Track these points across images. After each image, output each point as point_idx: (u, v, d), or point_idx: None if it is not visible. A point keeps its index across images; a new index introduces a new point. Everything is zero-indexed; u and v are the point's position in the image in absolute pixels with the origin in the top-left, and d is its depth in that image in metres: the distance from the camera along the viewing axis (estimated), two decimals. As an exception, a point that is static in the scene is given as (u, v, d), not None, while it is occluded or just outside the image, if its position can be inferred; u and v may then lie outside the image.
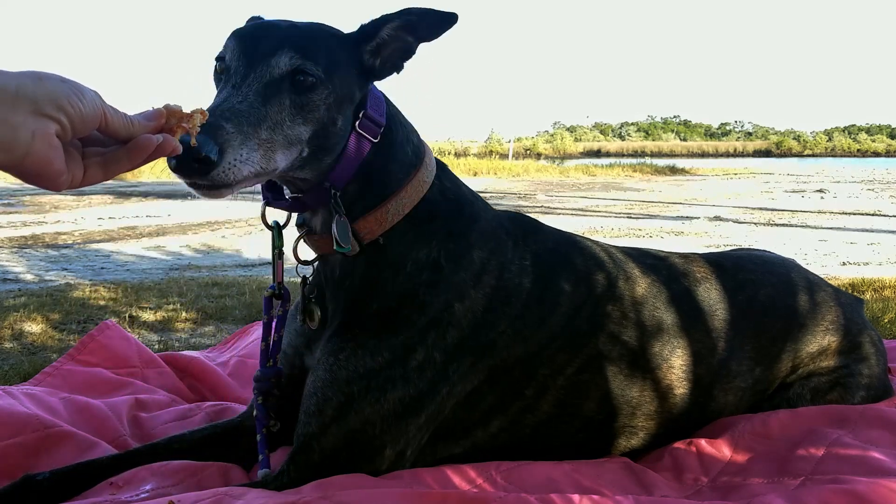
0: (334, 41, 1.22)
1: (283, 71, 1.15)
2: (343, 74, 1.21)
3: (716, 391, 1.54)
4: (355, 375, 1.25)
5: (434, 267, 1.31)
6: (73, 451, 1.45)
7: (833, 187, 14.42)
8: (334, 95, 1.19)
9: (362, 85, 1.27)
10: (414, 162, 1.34)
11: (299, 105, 1.16)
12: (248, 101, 1.11)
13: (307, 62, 1.15)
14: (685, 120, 70.24)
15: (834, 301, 1.70)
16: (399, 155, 1.32)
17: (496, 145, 30.80)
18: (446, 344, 1.29)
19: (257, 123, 1.10)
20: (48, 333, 3.19)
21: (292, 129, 1.15)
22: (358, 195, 1.30)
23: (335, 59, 1.20)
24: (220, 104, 1.10)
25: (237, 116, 1.08)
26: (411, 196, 1.32)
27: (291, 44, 1.16)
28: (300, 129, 1.16)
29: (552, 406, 1.40)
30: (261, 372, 1.40)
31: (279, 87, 1.14)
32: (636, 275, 1.52)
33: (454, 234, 1.34)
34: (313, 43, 1.18)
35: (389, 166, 1.31)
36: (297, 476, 1.24)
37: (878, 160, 37.35)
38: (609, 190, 14.11)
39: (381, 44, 1.25)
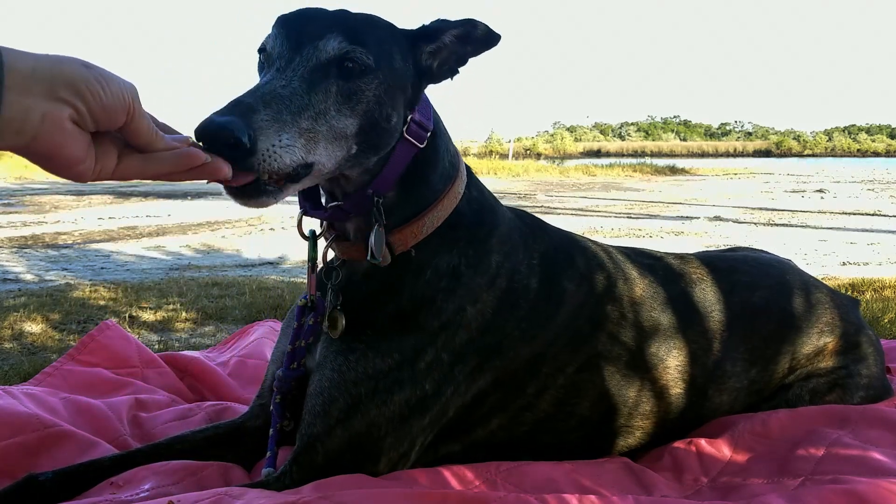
0: (388, 32, 1.17)
1: (332, 55, 1.07)
2: (397, 67, 1.15)
3: (710, 391, 1.55)
4: (364, 376, 1.24)
5: (453, 274, 1.30)
6: (73, 451, 1.45)
7: (833, 187, 14.42)
8: (385, 86, 1.12)
9: (416, 85, 1.21)
10: (451, 173, 1.32)
11: (347, 93, 1.08)
12: (292, 87, 1.02)
13: (357, 47, 1.08)
14: (685, 120, 70.27)
15: (830, 302, 1.70)
16: (440, 165, 1.30)
17: (496, 145, 30.82)
18: (454, 345, 1.29)
19: (299, 112, 1.01)
20: (48, 333, 3.19)
21: (338, 119, 1.07)
22: (396, 204, 1.26)
23: (388, 49, 1.14)
24: (259, 87, 1.02)
25: (277, 101, 0.99)
26: (446, 208, 1.29)
27: (341, 28, 1.09)
28: (347, 120, 1.08)
29: (551, 405, 1.41)
30: (284, 372, 1.37)
31: (326, 72, 1.07)
32: (634, 275, 1.53)
33: (475, 241, 1.33)
34: (366, 29, 1.12)
35: (431, 176, 1.28)
36: (299, 477, 1.23)
37: (878, 160, 37.37)
38: (609, 190, 14.11)
39: (440, 47, 1.20)
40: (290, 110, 1.00)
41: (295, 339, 1.38)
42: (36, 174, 15.95)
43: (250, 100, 0.98)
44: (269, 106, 0.98)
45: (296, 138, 0.99)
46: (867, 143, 50.56)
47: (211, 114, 0.95)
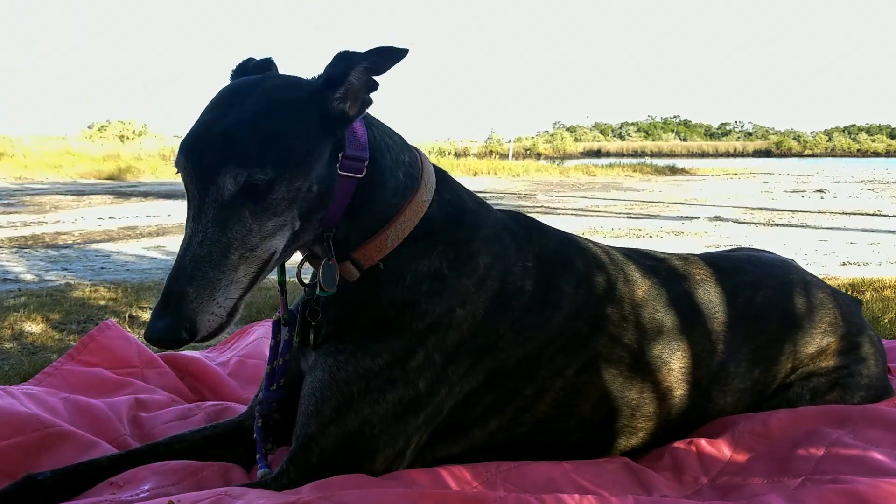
0: (286, 114, 1.13)
1: (233, 190, 1.07)
2: (305, 149, 1.13)
3: (714, 393, 1.54)
4: (354, 376, 1.25)
5: (436, 276, 1.30)
6: (73, 451, 1.45)
7: (833, 187, 14.42)
8: (298, 176, 1.11)
9: (336, 133, 1.19)
10: (409, 184, 1.31)
11: (262, 210, 1.09)
12: (209, 238, 1.07)
13: (254, 170, 1.07)
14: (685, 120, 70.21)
15: (832, 302, 1.70)
16: (390, 181, 1.29)
17: (496, 145, 30.76)
18: (446, 346, 1.29)
19: (222, 259, 1.06)
20: (48, 333, 3.19)
21: (264, 232, 1.10)
22: (351, 229, 1.27)
23: (289, 141, 1.11)
24: (182, 255, 1.07)
25: (201, 266, 1.05)
26: (410, 219, 1.29)
27: (234, 153, 1.07)
28: (271, 224, 1.11)
29: (550, 406, 1.40)
30: (264, 395, 1.40)
31: (234, 204, 1.08)
32: (636, 277, 1.52)
33: (456, 243, 1.33)
34: (259, 140, 1.09)
35: (382, 194, 1.28)
36: (296, 476, 1.24)
37: (878, 160, 37.34)
38: (609, 190, 14.11)
39: (349, 88, 1.17)
40: (214, 264, 1.06)
41: (273, 358, 1.40)
42: (36, 174, 15.96)
43: (176, 287, 1.04)
44: (194, 279, 1.05)
45: (229, 287, 1.07)
46: (867, 143, 50.48)
47: (151, 317, 1.05)
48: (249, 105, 1.12)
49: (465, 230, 1.36)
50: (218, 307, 1.06)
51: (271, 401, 1.41)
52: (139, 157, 18.65)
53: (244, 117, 1.11)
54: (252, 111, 1.12)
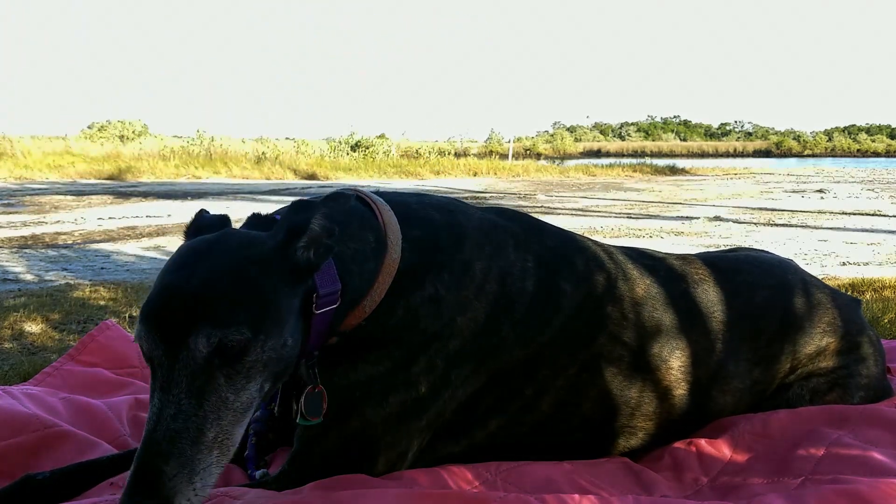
0: (254, 272, 1.06)
1: (206, 353, 0.99)
2: (277, 303, 1.07)
3: (714, 392, 1.55)
4: (356, 382, 1.25)
5: (432, 300, 1.29)
6: (73, 451, 1.45)
7: (833, 187, 14.41)
8: (273, 336, 1.05)
9: (305, 281, 1.13)
10: (377, 264, 1.26)
11: (236, 373, 1.02)
12: (183, 411, 0.97)
13: (228, 330, 0.99)
14: (685, 120, 70.18)
15: (831, 302, 1.70)
16: (364, 280, 1.24)
17: (496, 145, 30.77)
18: (448, 351, 1.29)
19: (199, 435, 0.97)
20: (48, 333, 3.19)
21: (240, 396, 1.02)
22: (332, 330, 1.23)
23: (260, 298, 1.05)
24: (153, 429, 0.97)
25: (176, 441, 0.96)
26: (385, 281, 1.25)
27: (206, 313, 1.00)
28: (246, 395, 1.03)
29: (551, 406, 1.41)
30: (260, 413, 1.42)
31: (208, 368, 1.00)
32: (635, 275, 1.52)
33: (443, 267, 1.32)
34: (228, 298, 1.02)
35: (357, 291, 1.23)
36: (297, 477, 1.24)
37: (878, 160, 37.32)
38: (609, 190, 14.11)
39: (312, 236, 1.12)
40: (192, 441, 0.97)
41: None
42: (36, 174, 15.96)
43: (151, 463, 0.94)
44: (171, 455, 0.95)
45: (209, 463, 0.98)
46: (867, 143, 50.42)
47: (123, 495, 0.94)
48: (215, 264, 1.06)
49: (446, 250, 1.34)
50: (195, 495, 0.96)
51: (265, 419, 1.42)
52: (139, 157, 18.65)
53: (212, 277, 1.04)
54: (219, 270, 1.05)
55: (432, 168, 19.42)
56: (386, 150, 22.95)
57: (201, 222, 1.23)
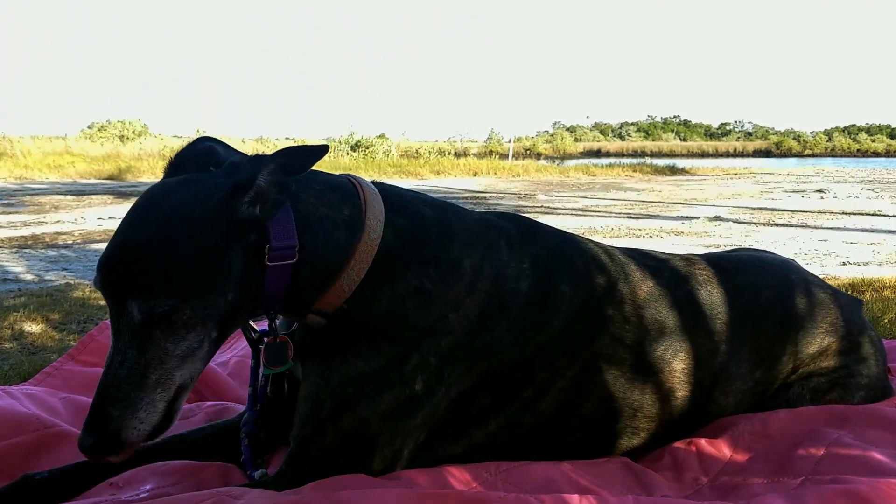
0: (190, 233, 1.11)
1: (140, 318, 1.08)
2: (212, 264, 1.11)
3: (716, 393, 1.54)
4: (348, 379, 1.25)
5: (419, 293, 1.29)
6: (73, 451, 1.44)
7: (833, 187, 14.41)
8: (207, 296, 1.11)
9: (250, 235, 1.15)
10: (352, 233, 1.27)
11: (171, 330, 1.10)
12: (128, 359, 1.09)
13: (156, 301, 1.07)
14: (685, 120, 70.12)
15: (833, 302, 1.70)
16: (330, 245, 1.25)
17: (496, 145, 30.73)
18: (441, 349, 1.29)
19: (142, 379, 1.09)
20: (48, 333, 3.19)
21: (178, 347, 1.11)
22: (297, 294, 1.25)
23: (192, 263, 1.10)
24: (106, 373, 1.10)
25: (122, 386, 1.09)
26: (363, 259, 1.26)
27: (137, 284, 1.08)
28: (185, 343, 1.11)
29: (551, 407, 1.40)
30: (249, 415, 1.42)
31: (146, 327, 1.09)
32: (638, 278, 1.51)
33: (429, 260, 1.32)
34: (158, 267, 1.08)
35: (322, 259, 1.24)
36: (295, 476, 1.24)
37: (878, 160, 37.29)
38: (609, 190, 14.10)
39: (258, 191, 1.14)
40: (134, 384, 1.09)
41: (254, 379, 1.41)
42: (36, 174, 15.96)
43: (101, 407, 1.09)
44: (117, 400, 1.08)
45: (151, 402, 1.10)
46: (867, 143, 50.34)
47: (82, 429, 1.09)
48: (155, 226, 1.11)
49: (433, 246, 1.33)
50: (141, 423, 1.09)
51: (256, 419, 1.42)
52: (139, 157, 18.65)
53: (149, 242, 1.10)
54: (156, 235, 1.10)
55: (432, 168, 19.41)
56: (386, 150, 22.95)
57: (183, 156, 1.29)
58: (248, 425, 1.42)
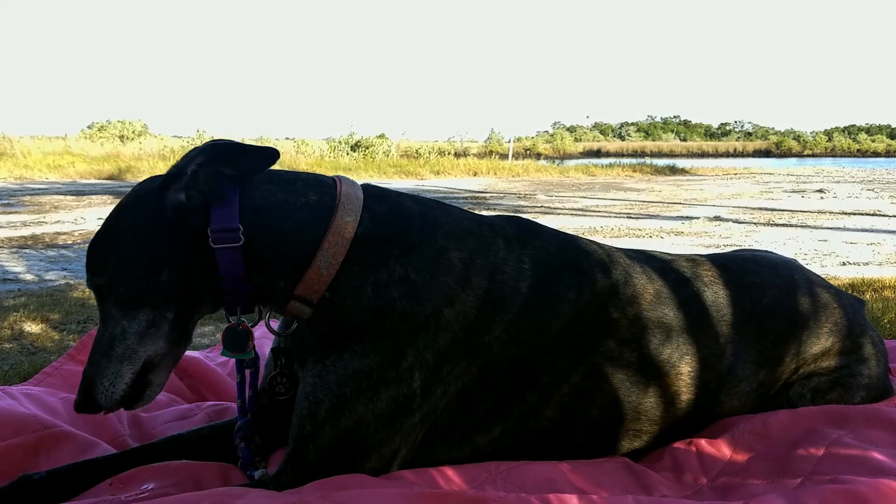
0: (125, 221, 1.27)
1: (95, 296, 1.29)
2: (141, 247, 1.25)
3: (722, 396, 1.54)
4: (345, 378, 1.25)
5: (404, 281, 1.29)
6: (72, 451, 1.45)
7: (833, 187, 14.41)
8: (136, 274, 1.24)
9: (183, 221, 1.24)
10: (317, 218, 1.30)
11: (122, 310, 1.24)
12: (101, 333, 1.27)
13: (94, 278, 1.27)
14: (685, 120, 70.12)
15: (836, 302, 1.70)
16: (288, 227, 1.28)
17: (496, 145, 30.70)
18: (438, 346, 1.28)
19: (110, 348, 1.24)
20: (48, 333, 3.19)
21: (133, 324, 1.24)
22: (269, 279, 1.29)
23: (122, 245, 1.25)
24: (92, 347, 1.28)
25: (99, 354, 1.25)
26: (337, 242, 1.28)
27: (89, 266, 1.29)
28: (138, 320, 1.24)
29: (556, 412, 1.39)
30: (241, 423, 1.45)
31: (102, 305, 1.27)
32: (644, 279, 1.50)
33: (412, 248, 1.31)
34: (100, 250, 1.28)
35: (283, 242, 1.28)
36: (294, 476, 1.24)
37: (878, 160, 37.28)
38: (609, 190, 14.10)
39: (189, 181, 1.24)
40: (104, 353, 1.25)
41: (241, 391, 1.46)
42: (36, 174, 15.96)
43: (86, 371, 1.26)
44: (91, 366, 1.25)
45: (117, 370, 1.24)
46: (867, 143, 50.26)
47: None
48: (111, 215, 1.31)
49: (416, 234, 1.33)
50: (110, 389, 1.24)
51: (248, 425, 1.45)
52: (139, 158, 18.63)
53: (98, 232, 1.30)
54: (105, 225, 1.30)
55: (432, 168, 19.40)
56: (386, 150, 22.93)
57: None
58: (242, 430, 1.44)
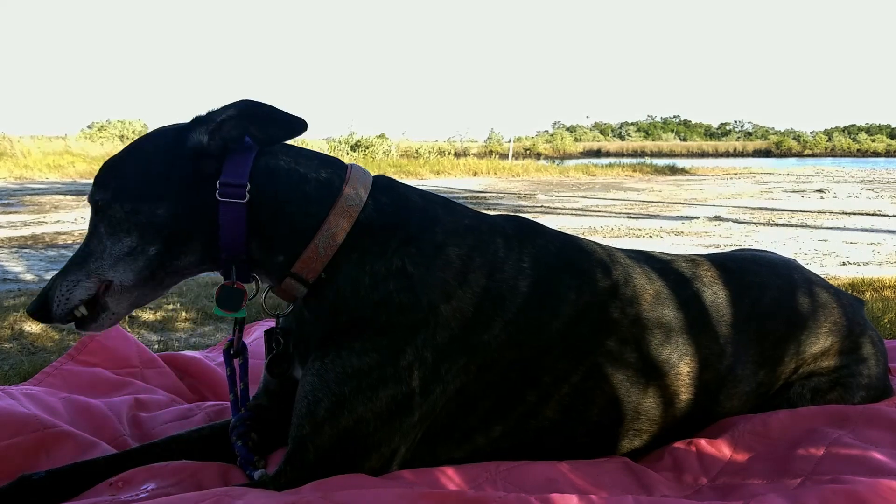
0: (142, 149, 1.33)
1: (92, 207, 1.32)
2: (150, 175, 1.29)
3: (721, 396, 1.54)
4: (343, 376, 1.25)
5: (401, 274, 1.29)
6: (72, 452, 1.45)
7: (833, 187, 14.41)
8: (136, 202, 1.28)
9: (198, 164, 1.29)
10: (325, 194, 1.32)
11: (111, 229, 1.29)
12: (82, 247, 1.32)
13: (97, 192, 1.31)
14: (685, 120, 70.07)
15: (836, 302, 1.70)
16: (295, 197, 1.31)
17: (496, 145, 30.69)
18: (436, 344, 1.28)
19: (83, 261, 1.30)
20: (48, 333, 3.19)
21: (115, 246, 1.29)
22: (267, 249, 1.32)
23: (132, 170, 1.31)
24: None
25: (67, 264, 1.32)
26: (337, 223, 1.30)
27: (96, 180, 1.33)
28: (121, 244, 1.29)
29: (556, 412, 1.39)
30: (235, 420, 1.45)
31: (94, 218, 1.32)
32: (644, 280, 1.50)
33: (411, 240, 1.32)
34: (110, 169, 1.33)
35: (287, 210, 1.31)
36: (294, 476, 1.24)
37: (878, 160, 37.27)
38: (609, 190, 14.10)
39: (213, 128, 1.29)
40: (75, 263, 1.31)
41: (233, 385, 1.47)
42: (36, 174, 15.96)
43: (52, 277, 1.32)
44: (62, 272, 1.31)
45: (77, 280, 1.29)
46: (867, 143, 50.22)
47: None
48: (131, 143, 1.36)
49: (416, 227, 1.34)
50: (65, 296, 1.29)
51: (244, 421, 1.45)
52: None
53: (120, 152, 1.36)
54: (126, 147, 1.36)
55: (432, 168, 19.41)
56: (386, 149, 22.94)
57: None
58: (238, 428, 1.44)
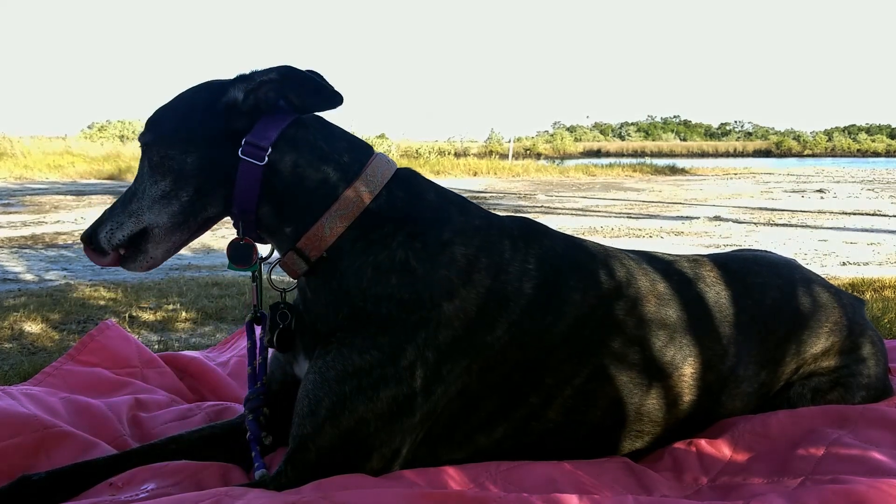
0: (184, 100, 1.39)
1: (141, 147, 1.39)
2: (186, 123, 1.35)
3: (724, 397, 1.54)
4: (344, 375, 1.25)
5: (404, 268, 1.30)
6: (72, 452, 1.45)
7: (833, 187, 14.40)
8: (170, 146, 1.34)
9: (230, 119, 1.34)
10: (341, 176, 1.35)
11: (153, 170, 1.36)
12: (132, 186, 1.40)
13: (145, 133, 1.38)
14: (685, 120, 70.03)
15: (836, 302, 1.70)
16: (311, 173, 1.34)
17: (496, 145, 30.66)
18: (438, 343, 1.28)
19: (127, 201, 1.38)
20: (48, 333, 3.19)
21: (153, 188, 1.36)
22: (277, 216, 1.36)
23: (171, 118, 1.38)
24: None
25: (117, 201, 1.40)
26: (347, 207, 1.32)
27: (147, 122, 1.41)
28: (157, 186, 1.35)
29: (559, 414, 1.39)
30: (250, 391, 1.47)
31: (143, 159, 1.39)
32: (647, 281, 1.50)
33: (418, 235, 1.32)
34: (156, 116, 1.40)
35: (301, 184, 1.34)
36: (294, 476, 1.24)
37: (878, 160, 37.26)
38: (609, 190, 14.10)
39: (251, 87, 1.33)
40: (122, 202, 1.39)
41: (252, 358, 1.48)
42: (36, 174, 15.95)
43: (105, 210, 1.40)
44: (111, 209, 1.40)
45: (121, 222, 1.37)
46: (867, 143, 50.16)
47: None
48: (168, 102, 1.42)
49: (425, 223, 1.34)
50: (110, 232, 1.37)
51: (258, 395, 1.46)
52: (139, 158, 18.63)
53: (172, 98, 1.42)
54: (178, 94, 1.41)
55: (432, 168, 19.39)
56: (386, 150, 22.93)
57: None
58: (252, 401, 1.45)
